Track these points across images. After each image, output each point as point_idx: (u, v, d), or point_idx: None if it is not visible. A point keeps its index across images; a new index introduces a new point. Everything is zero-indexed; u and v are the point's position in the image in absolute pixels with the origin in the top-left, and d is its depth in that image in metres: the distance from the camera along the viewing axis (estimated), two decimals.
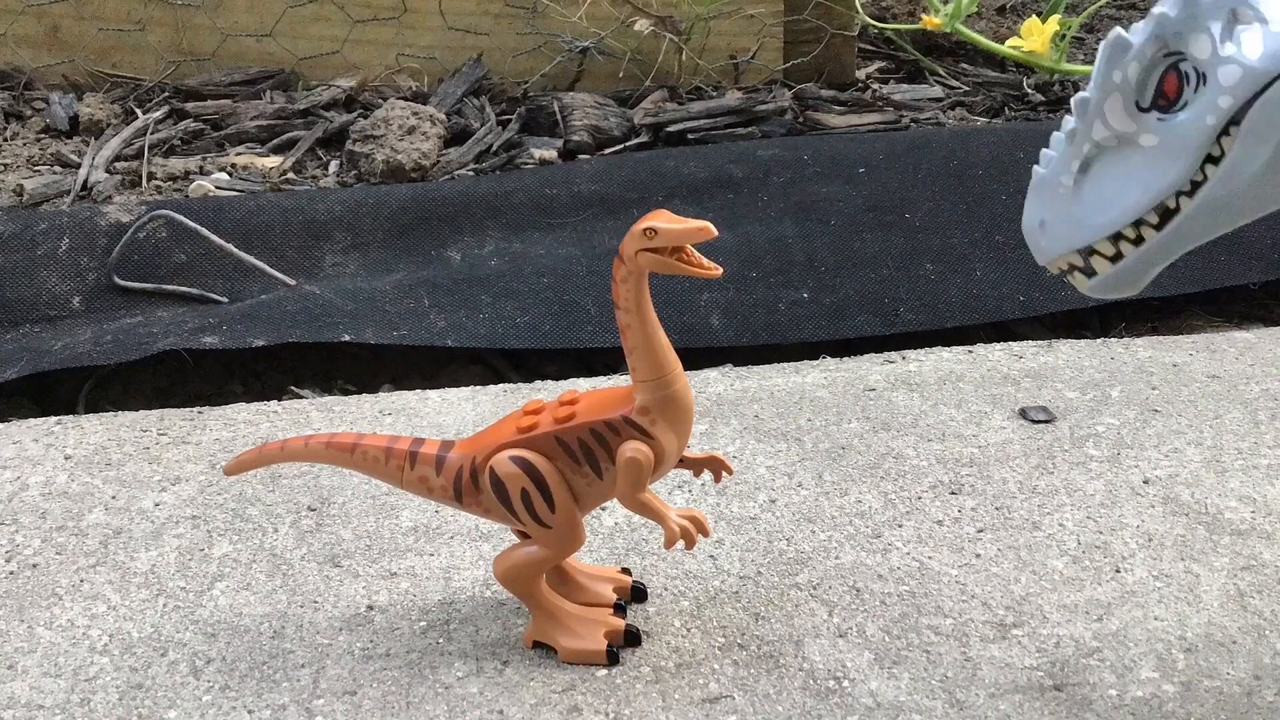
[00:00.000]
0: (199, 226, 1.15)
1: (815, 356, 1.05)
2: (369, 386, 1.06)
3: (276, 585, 0.72)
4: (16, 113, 1.58)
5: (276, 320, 1.05)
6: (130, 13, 1.65)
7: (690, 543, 0.63)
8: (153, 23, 1.66)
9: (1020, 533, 0.76)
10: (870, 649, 0.66)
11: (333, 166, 1.43)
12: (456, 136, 1.48)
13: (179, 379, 1.06)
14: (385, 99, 1.54)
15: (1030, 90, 1.62)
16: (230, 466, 0.68)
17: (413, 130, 1.41)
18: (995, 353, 1.02)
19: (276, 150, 1.47)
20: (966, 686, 0.63)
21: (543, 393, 0.97)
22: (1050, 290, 1.12)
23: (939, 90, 1.65)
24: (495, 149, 1.46)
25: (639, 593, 0.70)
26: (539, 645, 0.65)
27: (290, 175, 1.40)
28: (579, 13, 1.61)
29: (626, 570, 0.70)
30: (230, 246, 1.15)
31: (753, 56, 1.68)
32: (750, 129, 1.48)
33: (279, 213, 1.20)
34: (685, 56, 1.64)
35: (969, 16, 1.72)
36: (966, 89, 1.66)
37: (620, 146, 1.46)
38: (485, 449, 0.63)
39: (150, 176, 1.39)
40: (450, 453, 0.64)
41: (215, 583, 0.73)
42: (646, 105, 1.55)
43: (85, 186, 1.36)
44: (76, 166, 1.42)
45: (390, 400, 0.96)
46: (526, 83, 1.65)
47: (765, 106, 1.51)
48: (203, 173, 1.40)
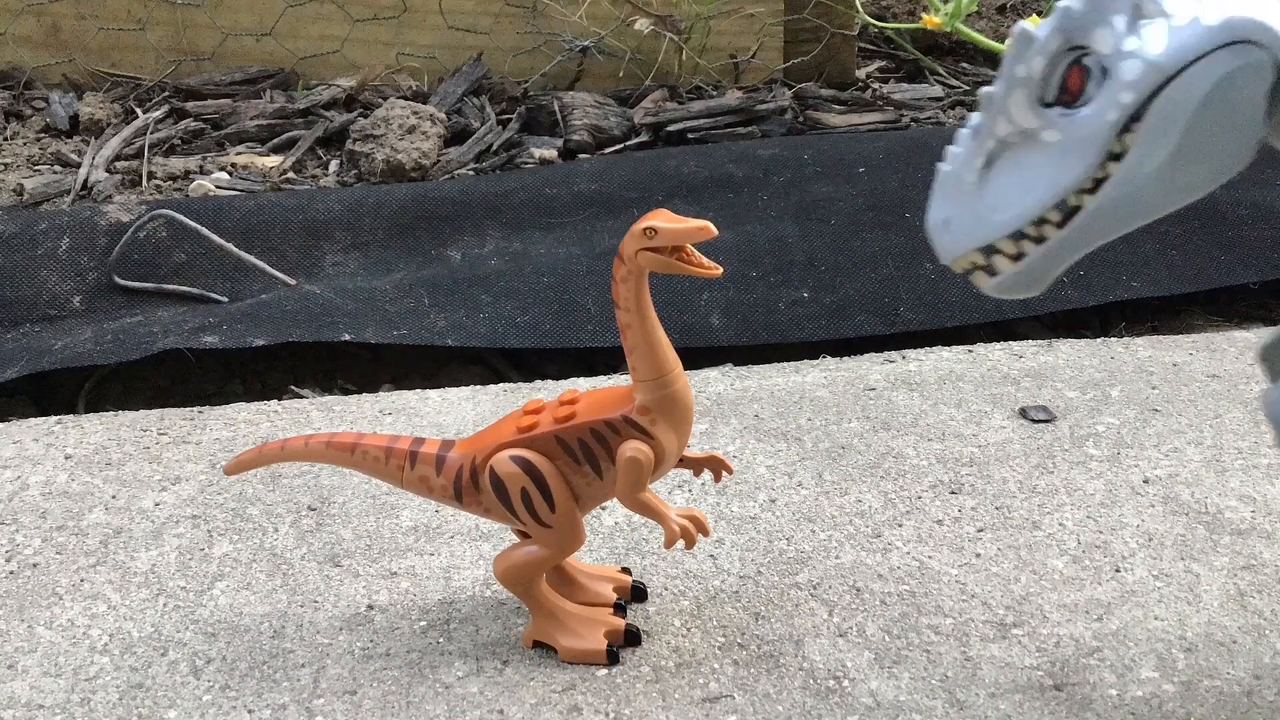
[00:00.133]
0: (199, 226, 1.15)
1: (815, 356, 1.05)
2: (369, 386, 1.06)
3: (276, 585, 0.72)
4: (16, 112, 1.58)
5: (277, 320, 1.05)
6: (130, 12, 1.65)
7: (690, 542, 0.63)
8: (153, 22, 1.66)
9: (1020, 532, 0.76)
10: (870, 648, 0.66)
11: (333, 166, 1.43)
12: (456, 136, 1.48)
13: (179, 378, 1.06)
14: (385, 98, 1.54)
15: None
16: (230, 466, 0.68)
17: (413, 130, 1.41)
18: (995, 352, 1.02)
19: (276, 150, 1.47)
20: (966, 686, 0.63)
21: (543, 392, 0.97)
22: (1050, 290, 1.11)
23: (939, 90, 1.65)
24: (495, 148, 1.46)
25: (639, 592, 0.69)
26: (539, 645, 0.65)
27: (290, 175, 1.40)
28: (579, 12, 1.61)
29: (626, 570, 0.70)
30: (230, 246, 1.15)
31: (753, 56, 1.68)
32: (750, 128, 1.48)
33: (279, 212, 1.20)
34: (685, 56, 1.64)
35: (969, 16, 1.71)
36: (966, 88, 1.66)
37: (620, 146, 1.46)
38: (485, 449, 0.63)
39: (150, 176, 1.39)
40: (450, 452, 0.64)
41: (215, 582, 0.73)
42: (646, 105, 1.55)
43: (85, 186, 1.36)
44: (77, 166, 1.42)
45: (390, 400, 0.96)
46: (526, 82, 1.65)
47: (765, 106, 1.51)
48: (203, 172, 1.40)
